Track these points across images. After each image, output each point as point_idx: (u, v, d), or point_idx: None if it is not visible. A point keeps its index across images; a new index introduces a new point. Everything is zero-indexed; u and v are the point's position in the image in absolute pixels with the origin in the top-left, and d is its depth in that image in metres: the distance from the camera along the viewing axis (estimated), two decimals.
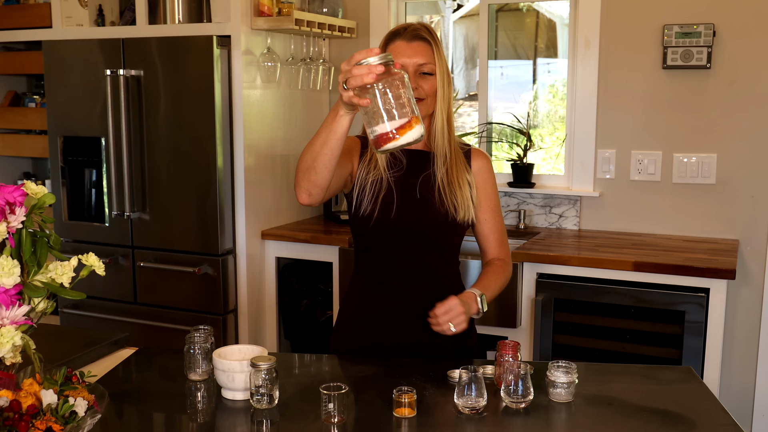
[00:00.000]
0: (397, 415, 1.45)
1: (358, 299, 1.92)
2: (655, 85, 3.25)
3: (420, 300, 1.86)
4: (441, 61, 1.82)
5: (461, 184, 1.85)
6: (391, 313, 1.87)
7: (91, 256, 1.31)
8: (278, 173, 3.51)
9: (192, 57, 3.16)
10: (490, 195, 1.94)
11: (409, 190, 1.85)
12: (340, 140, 1.56)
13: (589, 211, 3.43)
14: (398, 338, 1.87)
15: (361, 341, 1.90)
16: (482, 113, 3.68)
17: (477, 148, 1.98)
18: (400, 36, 1.82)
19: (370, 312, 1.89)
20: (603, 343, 2.90)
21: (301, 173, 1.65)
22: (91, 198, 3.47)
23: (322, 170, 1.61)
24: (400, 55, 1.80)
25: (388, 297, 1.87)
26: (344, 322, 1.96)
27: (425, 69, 1.80)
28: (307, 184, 1.65)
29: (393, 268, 1.86)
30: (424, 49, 1.81)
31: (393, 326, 1.87)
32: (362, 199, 1.83)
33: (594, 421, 1.49)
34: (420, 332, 1.85)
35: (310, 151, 1.61)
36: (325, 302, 3.54)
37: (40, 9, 3.63)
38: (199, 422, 1.51)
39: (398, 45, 1.81)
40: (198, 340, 1.63)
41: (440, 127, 1.84)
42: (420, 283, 1.86)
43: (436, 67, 1.81)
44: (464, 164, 1.89)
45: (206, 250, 3.25)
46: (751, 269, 3.17)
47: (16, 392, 1.11)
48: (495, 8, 3.73)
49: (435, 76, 1.81)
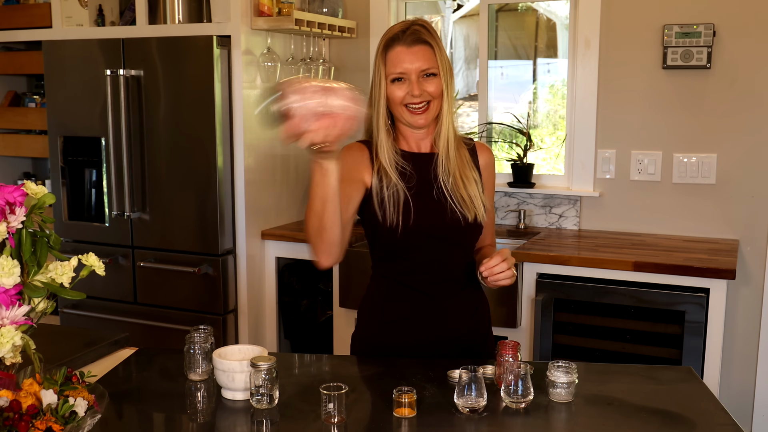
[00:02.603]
0: (397, 415, 1.45)
1: (381, 304, 1.89)
2: (655, 85, 3.25)
3: (445, 300, 1.86)
4: (443, 60, 1.79)
5: (469, 184, 1.84)
6: (418, 315, 1.85)
7: (91, 256, 1.31)
8: (278, 173, 3.51)
9: (192, 57, 3.16)
10: (492, 189, 1.96)
11: (424, 194, 1.82)
12: (337, 191, 1.56)
13: (589, 211, 3.43)
14: (425, 339, 1.85)
15: (387, 345, 1.88)
16: (482, 113, 3.68)
17: (481, 143, 1.97)
18: (399, 41, 1.77)
19: (394, 317, 1.87)
20: (603, 343, 2.90)
21: (314, 237, 1.64)
22: (91, 198, 3.47)
23: (331, 226, 1.60)
24: (402, 62, 1.76)
25: (414, 300, 1.85)
26: (366, 327, 1.93)
27: (428, 72, 1.77)
28: (324, 246, 1.64)
29: (417, 272, 1.85)
30: (425, 53, 1.77)
31: (420, 327, 1.86)
32: (384, 210, 1.79)
33: (594, 421, 1.49)
34: (447, 331, 1.86)
35: (313, 214, 1.60)
36: (325, 302, 3.54)
37: (40, 9, 3.63)
38: (199, 422, 1.50)
39: (398, 51, 1.77)
40: (198, 340, 1.63)
41: (446, 127, 1.83)
42: (444, 283, 1.86)
43: (439, 68, 1.78)
44: (470, 162, 1.88)
45: (206, 250, 3.25)
46: (751, 269, 3.17)
47: (16, 392, 1.11)
48: (495, 8, 3.73)
49: (439, 77, 1.78)
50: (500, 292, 2.96)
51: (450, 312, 1.86)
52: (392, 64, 1.77)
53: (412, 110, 1.78)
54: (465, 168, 1.85)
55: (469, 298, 1.90)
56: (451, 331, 1.86)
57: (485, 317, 1.97)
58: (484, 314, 1.97)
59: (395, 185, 1.80)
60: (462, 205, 1.82)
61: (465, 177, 1.84)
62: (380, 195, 1.79)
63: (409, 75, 1.76)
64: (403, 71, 1.76)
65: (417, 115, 1.78)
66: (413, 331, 1.86)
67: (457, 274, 1.87)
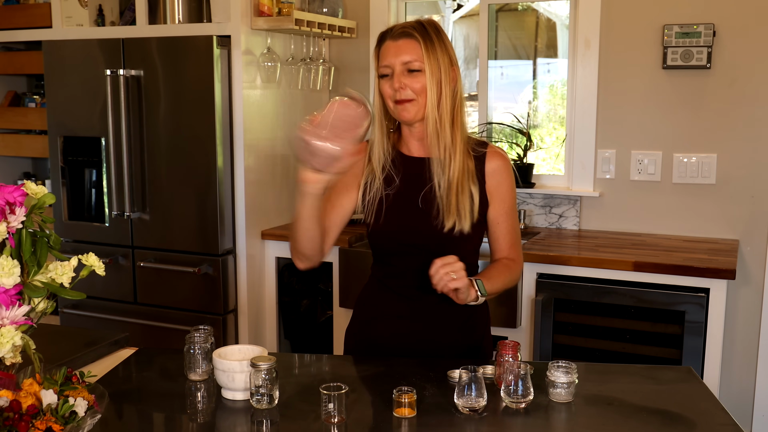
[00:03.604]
0: (397, 415, 1.45)
1: (368, 302, 1.92)
2: (655, 85, 3.25)
3: (432, 305, 1.83)
4: (432, 58, 1.72)
5: (461, 195, 1.76)
6: (404, 317, 1.85)
7: (91, 256, 1.31)
8: (278, 173, 3.51)
9: (192, 57, 3.16)
10: (504, 197, 1.83)
11: (410, 201, 1.79)
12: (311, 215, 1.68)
13: (589, 211, 3.43)
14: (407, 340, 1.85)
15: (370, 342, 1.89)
16: (482, 113, 3.68)
17: (494, 148, 1.85)
18: (388, 35, 1.76)
19: (379, 314, 1.89)
20: (603, 343, 2.90)
21: (290, 242, 1.80)
22: (91, 198, 3.47)
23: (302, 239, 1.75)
24: (387, 55, 1.74)
25: (399, 302, 1.85)
26: (354, 323, 1.97)
27: (412, 66, 1.72)
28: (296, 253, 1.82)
29: (401, 276, 1.84)
30: (409, 46, 1.72)
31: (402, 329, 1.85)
32: (369, 212, 1.81)
33: (594, 421, 1.49)
34: (432, 334, 1.84)
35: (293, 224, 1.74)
36: (325, 302, 3.54)
37: (40, 9, 3.63)
38: (199, 422, 1.50)
39: (387, 45, 1.76)
40: (198, 340, 1.63)
41: (432, 130, 1.75)
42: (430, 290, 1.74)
43: (425, 64, 1.72)
44: (470, 170, 1.78)
45: (206, 250, 3.25)
46: (751, 269, 3.17)
47: (16, 392, 1.11)
48: (495, 8, 3.73)
49: (423, 73, 1.72)
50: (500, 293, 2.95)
51: (437, 319, 1.83)
52: (381, 57, 1.77)
53: (396, 102, 1.75)
54: (463, 178, 1.76)
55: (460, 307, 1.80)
56: (440, 337, 1.84)
57: (481, 323, 1.91)
58: (479, 321, 1.90)
59: (380, 187, 1.80)
60: (446, 215, 1.75)
61: (460, 187, 1.76)
62: (367, 196, 1.81)
63: (393, 68, 1.74)
64: (387, 64, 1.74)
65: (400, 105, 1.75)
66: (404, 334, 1.85)
67: None
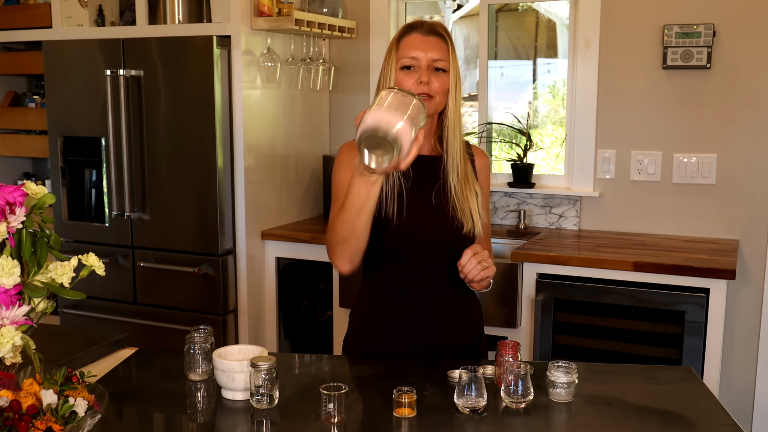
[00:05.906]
0: (397, 415, 1.45)
1: (374, 307, 1.88)
2: (655, 85, 3.25)
3: (439, 303, 1.84)
4: (454, 61, 1.78)
5: (470, 195, 1.82)
6: (413, 318, 1.84)
7: (91, 256, 1.31)
8: (278, 173, 3.51)
9: (192, 57, 3.16)
10: (486, 194, 1.93)
11: (424, 198, 1.81)
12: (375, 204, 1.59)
13: (589, 211, 3.43)
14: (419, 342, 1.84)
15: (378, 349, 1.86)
16: (482, 113, 3.68)
17: (476, 147, 1.96)
18: (416, 29, 1.78)
19: (389, 320, 1.85)
20: (603, 343, 2.90)
21: (339, 244, 1.67)
22: (91, 198, 3.47)
23: (360, 236, 1.64)
24: (415, 48, 1.75)
25: (408, 303, 1.84)
26: (360, 333, 1.91)
27: (439, 65, 1.75)
28: (349, 253, 1.68)
29: (411, 276, 1.83)
30: (439, 45, 1.76)
31: (415, 331, 1.84)
32: (388, 206, 1.78)
33: (594, 421, 1.49)
34: (441, 334, 1.84)
35: (344, 221, 1.62)
36: (325, 302, 3.54)
37: (40, 9, 3.63)
38: (199, 422, 1.50)
39: (414, 37, 1.77)
40: (198, 340, 1.63)
41: (452, 130, 1.80)
42: (437, 287, 1.84)
43: (450, 66, 1.77)
44: (472, 171, 1.86)
45: (206, 250, 3.25)
46: (751, 269, 3.17)
47: (16, 392, 1.11)
48: (495, 8, 3.73)
49: (448, 74, 1.77)
50: (500, 293, 2.96)
51: (443, 316, 1.85)
52: (405, 48, 1.76)
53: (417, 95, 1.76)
54: (468, 180, 1.83)
55: (462, 300, 1.88)
56: (445, 333, 1.85)
57: (478, 318, 1.95)
58: (477, 316, 1.95)
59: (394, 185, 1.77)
60: (461, 214, 1.80)
61: (468, 188, 1.82)
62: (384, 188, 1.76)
63: (420, 62, 1.75)
64: (415, 57, 1.75)
65: None
66: (408, 335, 1.84)
67: (449, 278, 1.85)
